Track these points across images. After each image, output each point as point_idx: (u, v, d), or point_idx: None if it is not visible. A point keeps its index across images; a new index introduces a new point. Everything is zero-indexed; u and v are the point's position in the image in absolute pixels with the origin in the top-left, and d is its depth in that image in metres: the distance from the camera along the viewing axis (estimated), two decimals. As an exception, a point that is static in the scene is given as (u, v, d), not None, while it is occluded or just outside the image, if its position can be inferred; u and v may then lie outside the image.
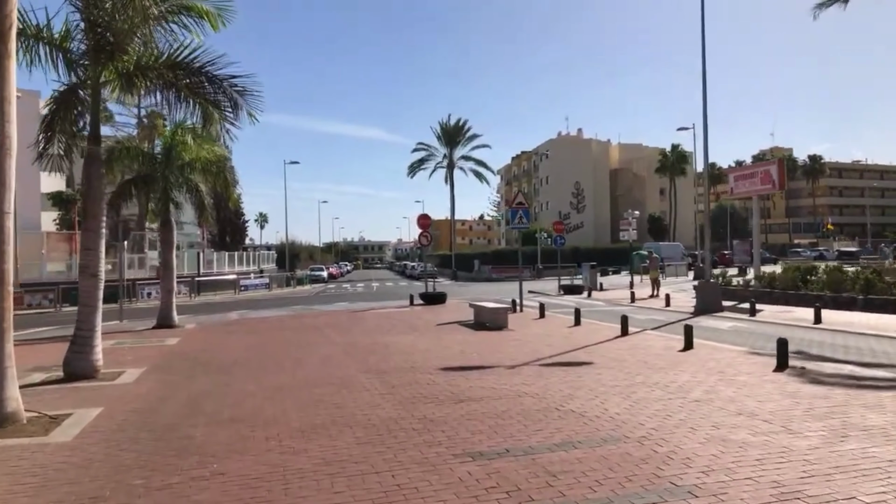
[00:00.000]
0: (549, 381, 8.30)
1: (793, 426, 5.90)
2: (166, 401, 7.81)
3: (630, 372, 8.82)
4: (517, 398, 7.31)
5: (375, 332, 14.85)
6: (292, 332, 15.69)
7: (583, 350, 11.04)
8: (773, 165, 21.70)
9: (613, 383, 8.05)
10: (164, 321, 17.92)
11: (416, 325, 15.99)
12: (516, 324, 15.32)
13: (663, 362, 9.56)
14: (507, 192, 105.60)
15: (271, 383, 8.72)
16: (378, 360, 10.54)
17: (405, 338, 13.47)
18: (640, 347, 11.17)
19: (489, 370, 9.22)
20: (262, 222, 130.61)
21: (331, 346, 12.60)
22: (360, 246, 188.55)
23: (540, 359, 10.16)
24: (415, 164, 74.97)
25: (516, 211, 19.09)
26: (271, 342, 13.58)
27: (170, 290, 18.20)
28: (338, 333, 14.80)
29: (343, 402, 7.39)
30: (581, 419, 6.31)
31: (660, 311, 18.86)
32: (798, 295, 18.95)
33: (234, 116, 10.67)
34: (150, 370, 10.25)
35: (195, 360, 11.15)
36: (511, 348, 11.48)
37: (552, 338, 12.84)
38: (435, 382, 8.40)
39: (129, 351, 12.83)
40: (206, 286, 37.47)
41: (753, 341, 12.08)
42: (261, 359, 11.11)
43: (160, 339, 14.75)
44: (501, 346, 11.88)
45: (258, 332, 16.02)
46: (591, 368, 9.18)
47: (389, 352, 11.43)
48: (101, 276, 9.86)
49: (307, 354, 11.48)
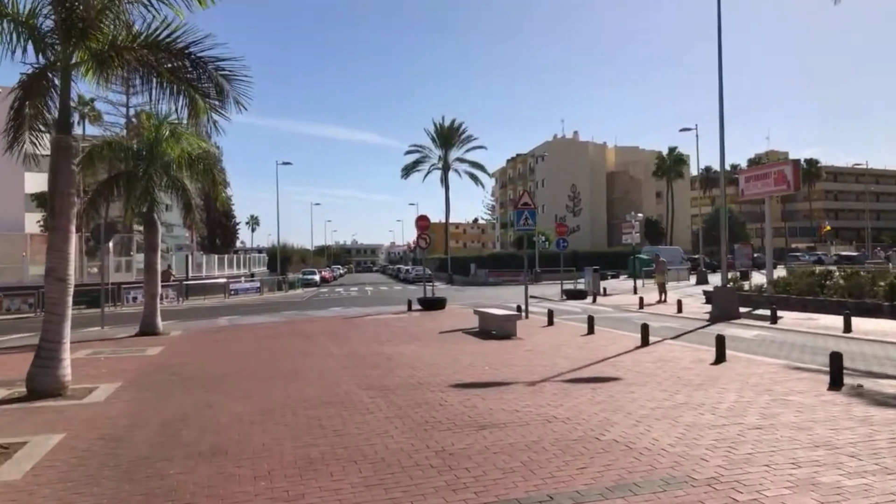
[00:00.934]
0: (578, 401, 7.30)
1: (887, 463, 4.92)
2: (139, 426, 6.75)
3: (667, 390, 7.83)
4: (547, 424, 6.30)
5: (374, 340, 13.81)
6: (285, 340, 14.63)
7: (605, 363, 10.04)
8: (787, 166, 20.81)
9: (653, 404, 7.05)
10: (147, 328, 16.82)
11: (418, 334, 14.96)
12: (524, 332, 14.32)
13: (699, 378, 8.57)
14: (501, 194, 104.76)
15: (261, 403, 7.68)
16: (380, 374, 9.51)
17: (407, 348, 12.43)
18: (667, 360, 10.19)
19: (506, 388, 8.20)
20: (253, 225, 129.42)
21: (327, 357, 11.55)
22: (353, 249, 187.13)
23: (560, 373, 9.16)
24: (409, 166, 73.88)
25: (522, 212, 18.11)
26: (262, 352, 12.52)
27: (154, 294, 17.09)
28: (334, 342, 13.75)
29: (345, 428, 6.36)
30: (629, 452, 5.31)
31: (673, 318, 17.90)
32: (817, 301, 18.05)
33: (221, 105, 9.62)
34: (126, 386, 9.18)
35: (177, 374, 10.08)
36: (525, 360, 10.47)
37: (567, 348, 11.84)
38: (448, 403, 7.37)
39: (106, 362, 11.74)
40: (194, 290, 36.28)
41: (788, 352, 11.12)
42: (250, 372, 10.05)
43: (141, 349, 13.65)
44: (514, 357, 10.87)
45: (248, 340, 14.95)
46: (621, 385, 8.18)
47: (392, 364, 10.40)
48: (69, 281, 8.79)
49: (302, 367, 10.43)
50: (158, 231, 17.33)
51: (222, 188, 17.82)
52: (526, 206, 18.21)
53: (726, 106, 39.67)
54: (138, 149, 17.04)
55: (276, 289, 45.19)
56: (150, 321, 16.93)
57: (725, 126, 18.25)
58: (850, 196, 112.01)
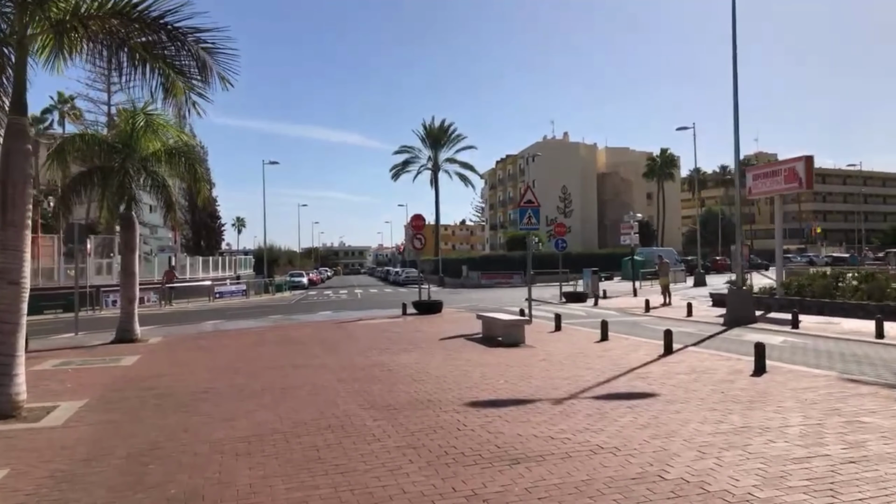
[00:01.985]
0: (620, 424, 6.24)
1: None
2: (99, 458, 5.61)
3: (715, 408, 6.79)
4: (593, 455, 5.24)
5: (371, 349, 12.69)
6: (273, 348, 13.47)
7: (633, 375, 9.00)
8: (799, 162, 19.95)
9: (708, 428, 6.01)
10: (123, 335, 15.59)
11: (417, 340, 13.86)
12: (532, 338, 13.26)
13: (745, 393, 7.55)
14: (491, 196, 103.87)
15: (247, 427, 6.55)
16: (383, 389, 8.40)
17: (408, 357, 11.33)
18: (700, 370, 9.16)
19: (531, 406, 7.13)
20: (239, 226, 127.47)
21: (321, 368, 10.42)
22: (341, 251, 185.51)
23: (587, 388, 8.10)
24: (398, 167, 72.95)
25: (525, 210, 17.06)
26: (248, 363, 11.36)
27: (131, 299, 15.86)
28: (327, 351, 12.61)
29: (349, 462, 5.26)
30: (708, 498, 4.25)
31: (686, 322, 16.92)
32: (835, 304, 17.15)
33: (203, 83, 8.50)
34: (91, 405, 8.00)
35: (151, 390, 8.91)
36: (543, 372, 9.41)
37: (585, 357, 10.79)
38: (467, 427, 6.29)
39: (73, 375, 10.53)
40: (178, 293, 34.94)
41: (829, 362, 10.13)
42: (235, 387, 8.90)
43: (115, 358, 12.44)
44: (529, 368, 9.80)
45: (233, 348, 13.77)
46: (661, 403, 7.14)
47: (394, 377, 9.30)
48: (24, 285, 7.61)
49: (293, 381, 9.29)
50: (136, 231, 16.10)
51: (205, 184, 16.64)
52: (529, 203, 17.15)
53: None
54: (113, 142, 15.82)
55: (262, 292, 43.88)
56: (126, 327, 15.71)
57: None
58: (837, 198, 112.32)
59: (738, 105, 17.06)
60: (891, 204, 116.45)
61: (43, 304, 29.01)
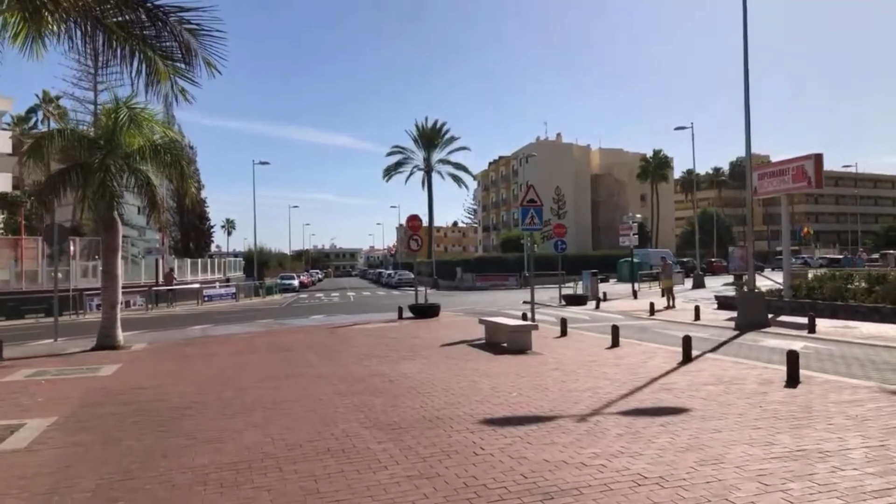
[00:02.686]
0: (657, 445, 5.52)
1: None
2: (63, 490, 4.83)
3: (759, 427, 6.09)
4: (637, 488, 4.51)
5: (369, 356, 11.92)
6: (264, 356, 12.67)
7: (656, 386, 8.28)
8: (808, 161, 19.37)
9: (759, 451, 5.29)
10: (105, 341, 14.74)
11: (417, 347, 13.10)
12: (539, 344, 12.54)
13: (785, 408, 6.85)
14: (484, 197, 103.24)
15: (235, 451, 5.78)
16: (385, 403, 7.64)
17: (410, 366, 10.57)
18: (727, 381, 8.46)
19: (553, 424, 6.40)
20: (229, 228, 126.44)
21: (317, 379, 9.64)
22: (332, 253, 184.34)
23: (610, 401, 7.38)
24: (391, 168, 72.19)
25: (528, 210, 16.35)
26: (237, 373, 10.56)
27: (113, 303, 15.00)
28: (322, 359, 11.83)
29: (353, 497, 4.50)
30: (790, 546, 3.53)
31: (695, 327, 16.25)
32: (849, 307, 16.54)
33: (188, 67, 7.73)
34: (61, 423, 7.20)
35: (130, 405, 8.11)
36: (557, 383, 8.68)
37: (600, 366, 10.07)
38: (485, 450, 5.55)
39: (45, 387, 9.71)
40: (165, 296, 34.00)
41: (864, 370, 9.46)
42: (222, 402, 8.12)
43: (94, 368, 11.61)
44: (541, 378, 9.07)
45: (221, 356, 12.96)
46: (697, 420, 6.42)
47: (397, 389, 8.54)
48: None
49: (286, 393, 8.52)
50: (119, 231, 15.26)
51: (192, 183, 15.82)
52: (532, 203, 16.43)
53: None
54: (94, 137, 14.99)
55: (252, 294, 42.94)
56: (108, 333, 14.86)
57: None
58: (829, 200, 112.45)
59: (749, 103, 16.42)
60: (882, 206, 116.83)
61: (24, 307, 28.07)
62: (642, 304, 24.27)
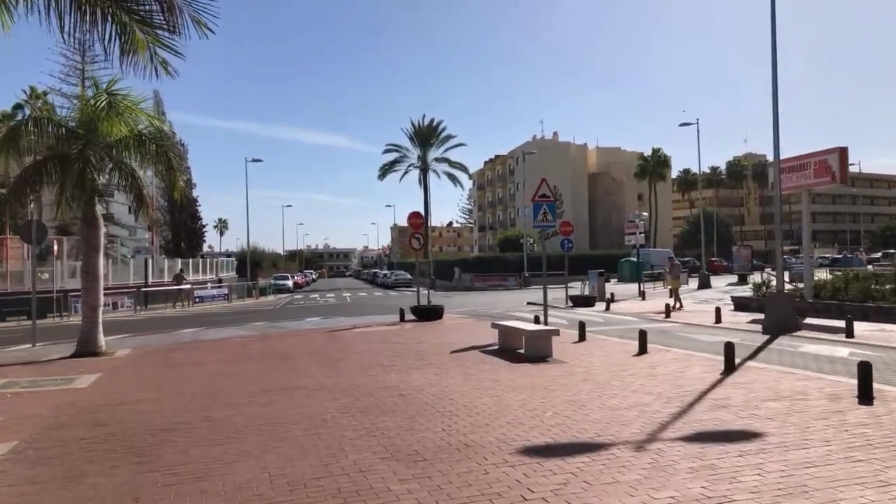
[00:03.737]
0: (746, 485, 4.46)
1: None
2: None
3: (859, 459, 5.05)
4: (749, 554, 3.44)
5: (375, 365, 10.83)
6: (258, 364, 11.56)
7: (709, 402, 7.23)
8: (832, 154, 18.42)
9: (886, 497, 4.24)
10: (85, 347, 13.63)
11: (425, 354, 12.01)
12: (558, 350, 11.47)
13: (877, 432, 5.81)
14: (479, 197, 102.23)
15: (224, 492, 4.68)
16: (401, 425, 6.56)
17: (421, 377, 9.49)
18: (789, 396, 7.41)
19: (606, 454, 5.33)
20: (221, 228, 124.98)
21: (318, 393, 8.55)
22: (325, 254, 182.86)
23: (663, 423, 6.32)
24: (386, 166, 71.03)
25: (540, 205, 15.28)
26: (228, 385, 9.46)
27: (94, 306, 13.88)
28: (323, 368, 10.73)
29: (377, 568, 3.42)
30: None
31: (719, 330, 15.25)
32: (881, 309, 15.56)
33: (171, 31, 6.63)
34: (20, 451, 6.09)
35: (103, 426, 7.00)
36: (594, 398, 7.62)
37: (634, 377, 9.02)
38: (534, 493, 4.46)
39: (12, 403, 8.57)
40: (154, 297, 32.79)
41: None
42: (210, 423, 7.01)
43: (69, 378, 10.48)
44: (574, 392, 8.01)
45: (211, 364, 11.84)
46: (778, 449, 5.37)
47: (411, 407, 7.45)
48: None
49: (284, 412, 7.42)
50: (100, 228, 14.13)
51: (180, 175, 14.68)
52: (544, 198, 15.37)
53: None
54: (73, 127, 13.84)
55: (245, 295, 41.73)
56: (88, 339, 13.74)
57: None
58: (826, 199, 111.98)
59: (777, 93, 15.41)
60: (878, 205, 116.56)
61: (7, 310, 26.83)
62: (653, 305, 23.30)
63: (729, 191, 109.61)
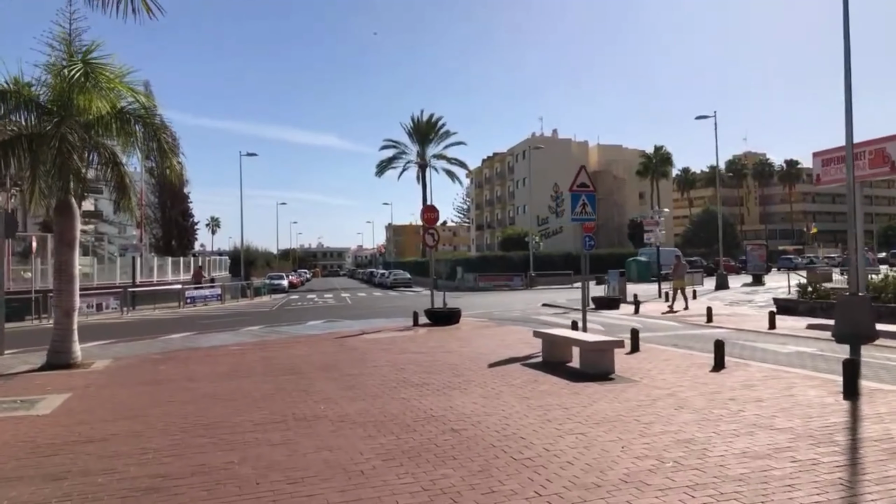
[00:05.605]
0: None
1: None
2: None
3: None
4: None
5: (403, 383, 8.98)
6: (260, 382, 9.68)
7: (870, 444, 5.45)
8: (891, 142, 16.67)
9: None
10: (57, 358, 11.71)
11: (460, 368, 10.16)
12: (617, 364, 9.64)
13: None
14: (477, 195, 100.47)
15: None
16: (474, 486, 4.69)
17: (469, 402, 7.64)
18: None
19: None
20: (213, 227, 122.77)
21: (343, 425, 6.69)
22: (319, 253, 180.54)
23: (843, 484, 4.52)
24: (384, 163, 69.36)
25: (578, 196, 13.49)
26: (227, 411, 7.59)
27: (68, 310, 11.94)
28: (341, 387, 8.86)
29: None
30: None
31: (783, 338, 13.48)
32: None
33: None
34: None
35: (59, 479, 5.12)
36: (705, 434, 5.82)
37: (731, 400, 7.22)
38: None
39: (-52, 438, 6.67)
40: (143, 298, 30.78)
41: None
42: (203, 475, 5.15)
43: (31, 401, 8.57)
44: (675, 425, 6.20)
45: (206, 379, 9.96)
46: None
47: (476, 451, 5.60)
48: None
49: (303, 457, 5.56)
50: (76, 219, 12.21)
51: (174, 158, 12.76)
52: (584, 188, 13.57)
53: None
54: (45, 102, 11.92)
55: (239, 296, 39.73)
56: (61, 348, 11.81)
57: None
58: (826, 199, 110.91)
59: (851, 85, 13.68)
60: (878, 205, 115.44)
61: (-19, 312, 24.76)
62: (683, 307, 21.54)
63: (728, 190, 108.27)
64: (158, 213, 56.71)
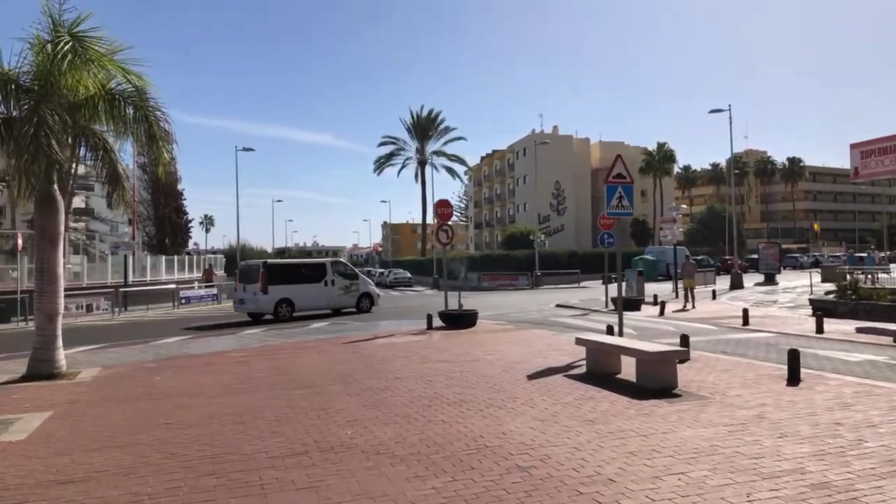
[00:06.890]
0: None
1: None
2: None
3: None
4: None
5: (437, 400, 7.76)
6: (273, 396, 8.46)
7: None
8: (941, 133, 15.75)
9: None
10: (38, 368, 10.48)
11: (496, 381, 8.96)
12: (673, 376, 8.46)
13: None
14: (476, 193, 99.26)
15: None
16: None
17: (524, 426, 6.44)
18: None
19: None
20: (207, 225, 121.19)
21: (384, 461, 5.47)
22: (314, 251, 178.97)
23: None
24: (382, 160, 68.32)
25: (614, 188, 12.29)
26: (237, 437, 6.37)
27: (51, 314, 10.67)
28: (367, 406, 7.63)
29: None
30: None
31: (839, 343, 12.36)
32: None
33: None
34: None
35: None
36: (844, 476, 4.66)
37: (838, 424, 6.08)
38: None
39: None
40: (135, 298, 29.44)
41: None
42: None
43: (7, 420, 7.34)
44: (793, 461, 5.03)
45: (207, 394, 8.73)
46: None
47: (554, 498, 4.41)
48: None
49: (339, 508, 4.37)
50: (60, 212, 10.95)
51: (165, 146, 11.49)
52: (619, 178, 12.38)
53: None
54: (26, 81, 10.66)
55: (236, 296, 38.30)
56: (44, 356, 10.57)
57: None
58: (828, 197, 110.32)
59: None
60: (879, 203, 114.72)
61: (-36, 315, 23.43)
62: (710, 308, 20.43)
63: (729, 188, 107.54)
64: (152, 210, 55.37)
